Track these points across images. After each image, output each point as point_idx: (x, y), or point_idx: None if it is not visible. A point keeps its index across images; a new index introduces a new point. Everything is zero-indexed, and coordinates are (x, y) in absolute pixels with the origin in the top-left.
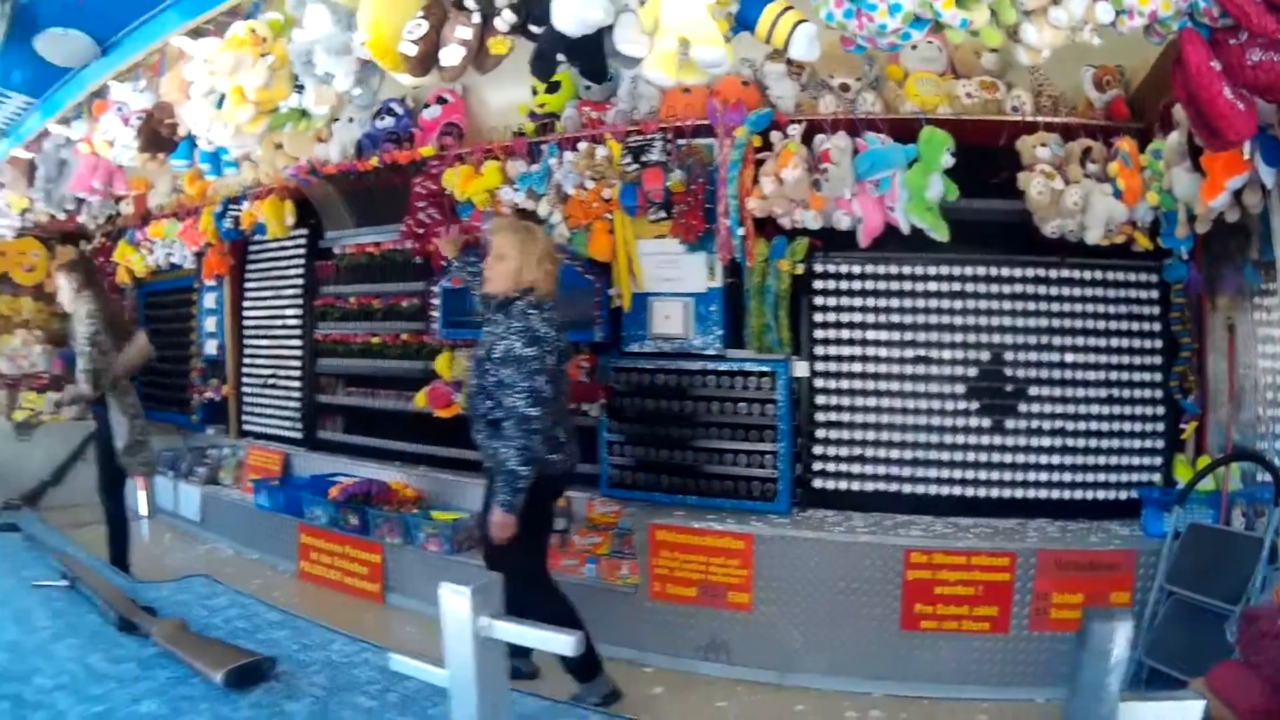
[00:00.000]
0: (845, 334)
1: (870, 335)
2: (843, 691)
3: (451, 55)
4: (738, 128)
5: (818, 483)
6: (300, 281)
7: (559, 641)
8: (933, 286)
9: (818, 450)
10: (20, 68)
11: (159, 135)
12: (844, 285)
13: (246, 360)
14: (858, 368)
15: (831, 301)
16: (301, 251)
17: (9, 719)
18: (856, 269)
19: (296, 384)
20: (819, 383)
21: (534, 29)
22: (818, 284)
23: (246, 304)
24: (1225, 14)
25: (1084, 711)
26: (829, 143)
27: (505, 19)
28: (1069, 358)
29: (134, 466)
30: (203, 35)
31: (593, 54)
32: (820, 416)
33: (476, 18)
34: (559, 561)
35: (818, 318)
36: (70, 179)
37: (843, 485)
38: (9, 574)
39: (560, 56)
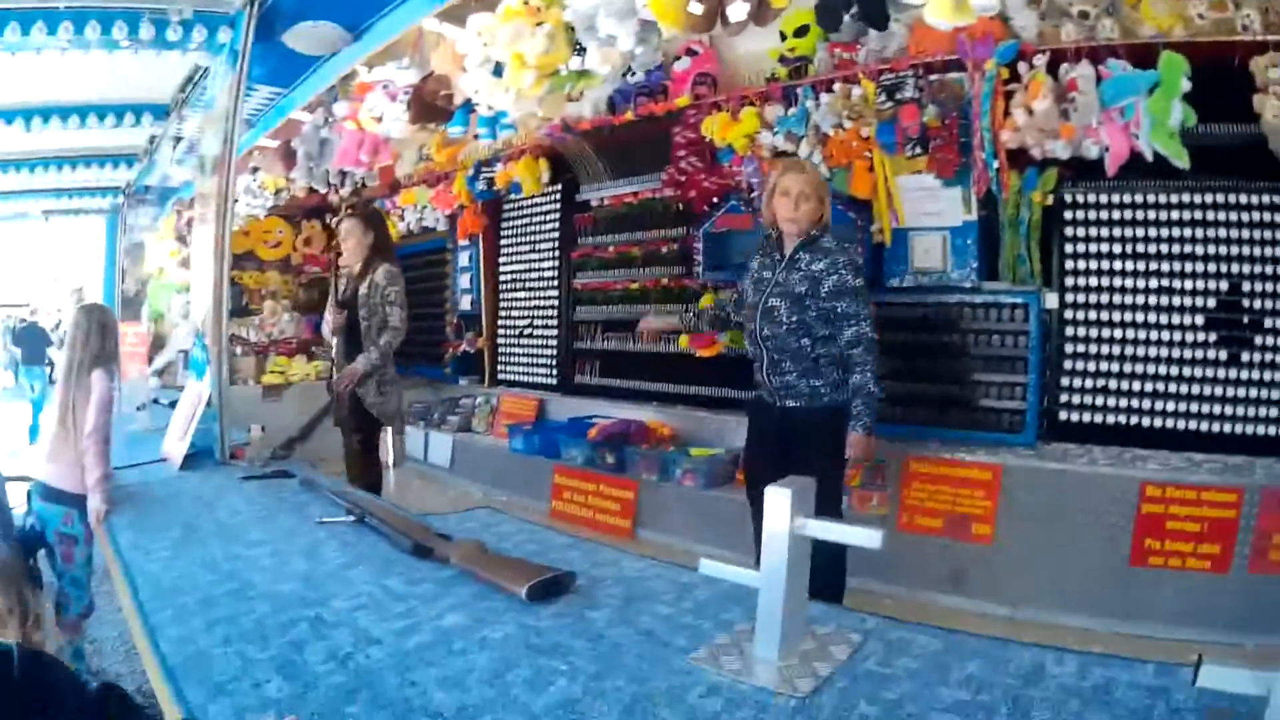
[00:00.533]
0: (1093, 264)
1: (1117, 265)
2: (1068, 626)
3: (738, 11)
4: (986, 60)
5: (1063, 415)
6: (555, 234)
7: (865, 536)
8: (1174, 215)
9: (1064, 382)
10: (261, 62)
11: (431, 106)
12: (1092, 215)
13: (502, 313)
14: (1105, 299)
15: (1081, 232)
16: (556, 206)
17: (309, 637)
18: (1104, 198)
19: (553, 332)
20: (1067, 314)
21: None
22: (1067, 214)
23: (502, 259)
24: None
25: None
26: (1074, 71)
27: None
28: None
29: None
30: (452, 16)
31: (875, 3)
32: (1068, 348)
33: None
34: None
35: (1068, 248)
36: (333, 156)
37: (1086, 418)
38: (293, 513)
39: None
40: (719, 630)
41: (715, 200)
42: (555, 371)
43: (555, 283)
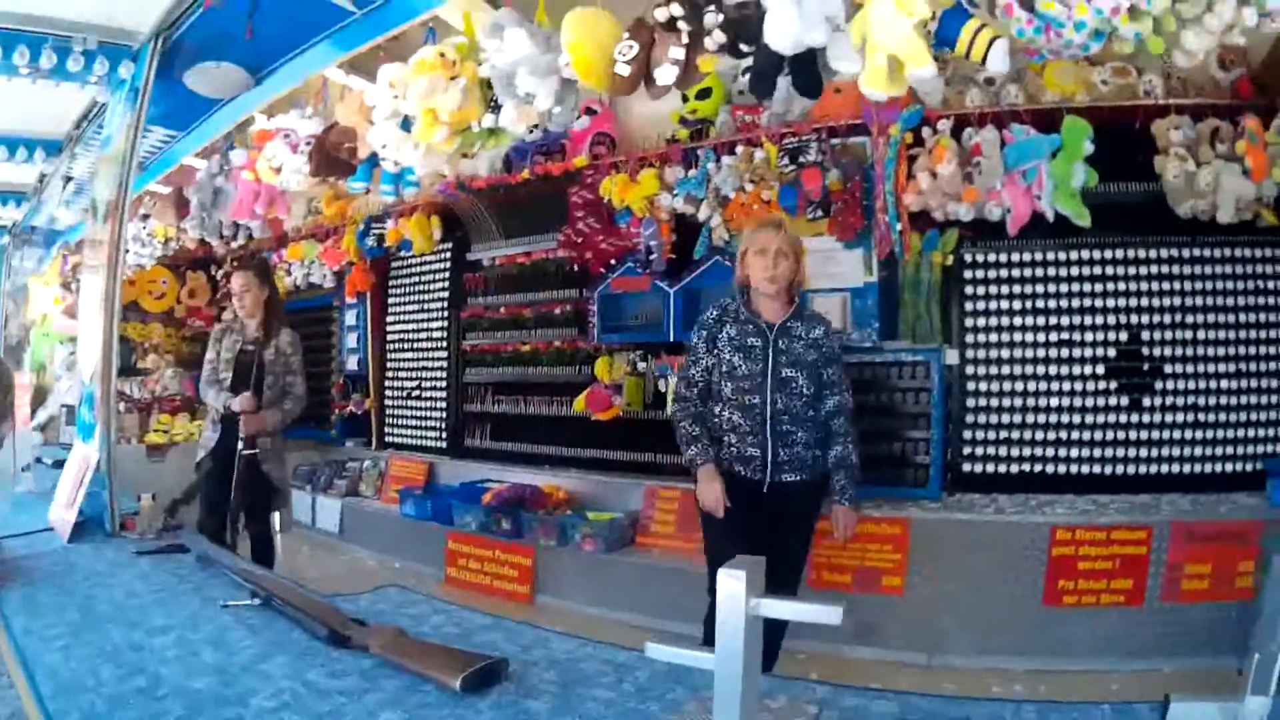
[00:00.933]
0: (993, 321)
1: (1017, 321)
2: (987, 669)
3: (666, 75)
4: (891, 125)
5: (966, 466)
6: (445, 294)
7: (826, 613)
8: (1074, 271)
9: (967, 435)
10: (157, 103)
11: (333, 159)
12: (992, 274)
13: (389, 374)
14: (1005, 353)
15: (981, 290)
16: (446, 265)
17: None
18: (1004, 257)
19: (442, 394)
20: (968, 369)
21: (743, 48)
22: (967, 274)
23: (390, 319)
24: None
25: (1270, 629)
26: (979, 136)
27: (715, 39)
28: (1201, 335)
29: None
30: (358, 68)
31: (808, 71)
32: (970, 402)
33: (686, 38)
34: None
35: (968, 306)
36: (228, 206)
37: (990, 468)
38: (193, 594)
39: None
40: (667, 712)
41: (612, 262)
42: (445, 434)
43: (444, 343)
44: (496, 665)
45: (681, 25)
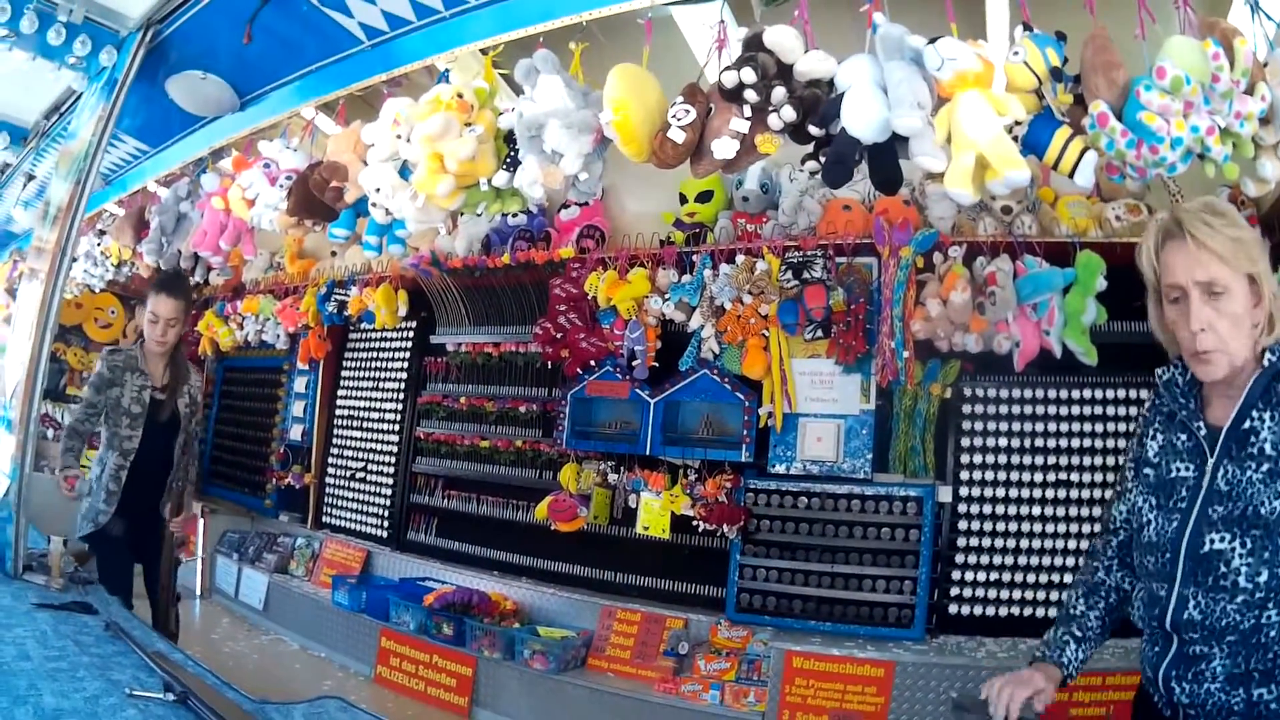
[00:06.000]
0: (990, 458)
1: (1014, 460)
2: None
3: (725, 148)
4: (903, 248)
5: (952, 608)
6: (404, 376)
7: None
8: (1075, 410)
9: (955, 575)
10: (135, 112)
11: (314, 199)
12: (991, 409)
13: (334, 450)
14: (1000, 492)
15: (979, 426)
16: (408, 345)
17: None
18: (1004, 393)
19: (389, 480)
20: (960, 508)
21: (813, 130)
22: (965, 408)
23: (341, 392)
24: None
25: None
26: (994, 266)
27: (785, 115)
28: None
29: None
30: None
31: (889, 163)
32: (960, 542)
33: (750, 111)
34: (679, 687)
35: (964, 442)
36: (191, 235)
37: (976, 610)
38: (96, 672)
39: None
40: None
41: (591, 363)
42: (387, 523)
43: (397, 427)
44: None
45: (749, 95)
